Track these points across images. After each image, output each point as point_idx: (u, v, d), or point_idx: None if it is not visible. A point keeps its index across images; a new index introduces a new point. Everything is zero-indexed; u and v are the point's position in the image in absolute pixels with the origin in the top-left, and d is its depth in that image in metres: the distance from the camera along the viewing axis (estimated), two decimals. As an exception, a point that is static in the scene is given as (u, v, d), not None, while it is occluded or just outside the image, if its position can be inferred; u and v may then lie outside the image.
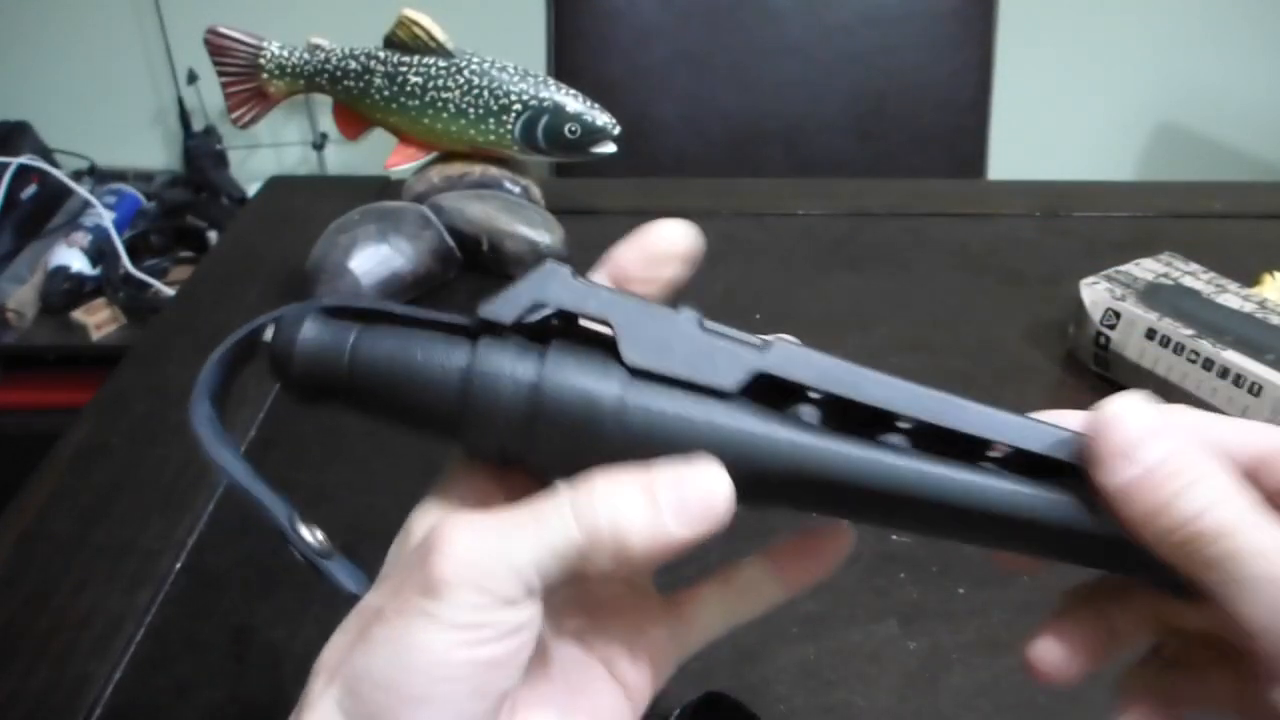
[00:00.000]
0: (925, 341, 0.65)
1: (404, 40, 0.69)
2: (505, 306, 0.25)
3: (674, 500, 0.23)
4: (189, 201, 1.65)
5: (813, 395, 0.25)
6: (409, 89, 0.70)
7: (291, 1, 1.67)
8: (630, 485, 0.23)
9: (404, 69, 0.70)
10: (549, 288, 0.25)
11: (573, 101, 0.69)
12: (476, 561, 0.23)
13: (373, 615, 0.24)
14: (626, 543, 0.23)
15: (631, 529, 0.23)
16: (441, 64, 0.69)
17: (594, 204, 0.79)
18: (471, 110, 0.69)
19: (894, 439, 0.25)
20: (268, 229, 0.81)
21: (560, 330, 0.25)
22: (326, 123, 1.80)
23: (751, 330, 0.25)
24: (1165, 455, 0.22)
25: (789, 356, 0.25)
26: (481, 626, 0.22)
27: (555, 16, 1.20)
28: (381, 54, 0.70)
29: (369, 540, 0.30)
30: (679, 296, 0.27)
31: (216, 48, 0.72)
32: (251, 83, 0.73)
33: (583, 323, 0.25)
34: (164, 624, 0.46)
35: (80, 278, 1.49)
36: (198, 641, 0.45)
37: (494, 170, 0.73)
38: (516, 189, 0.74)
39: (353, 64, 0.71)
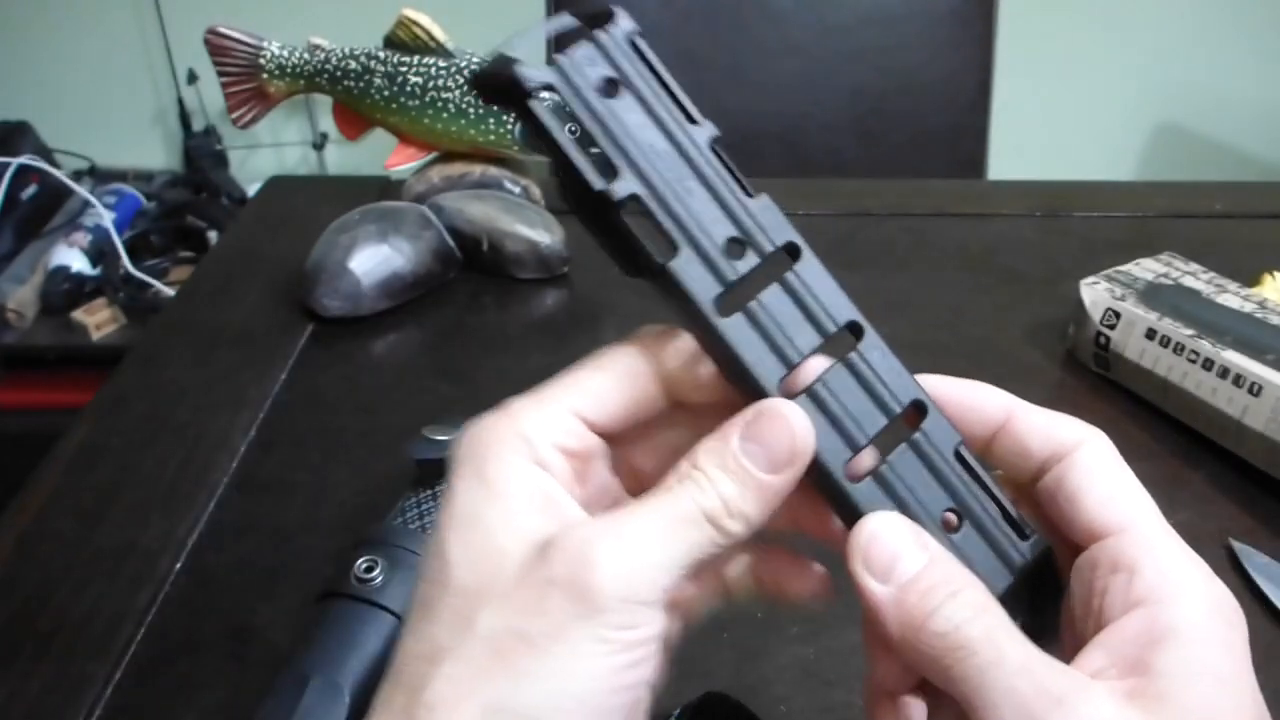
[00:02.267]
0: (925, 341, 0.65)
1: (404, 40, 0.69)
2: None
3: (761, 458, 0.25)
4: (189, 201, 1.65)
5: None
6: (409, 89, 0.70)
7: (291, 1, 1.67)
8: (721, 465, 0.25)
9: (404, 69, 0.70)
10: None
11: (573, 101, 0.69)
12: (628, 575, 0.23)
13: (513, 640, 0.23)
14: (746, 518, 0.24)
15: (743, 504, 0.24)
16: (441, 64, 0.69)
17: (594, 204, 0.79)
18: (471, 110, 0.69)
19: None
20: (268, 229, 0.81)
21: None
22: (326, 123, 1.80)
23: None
24: (918, 575, 0.24)
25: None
26: (637, 645, 0.23)
27: (555, 16, 1.20)
28: (381, 54, 0.70)
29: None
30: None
31: (216, 48, 0.72)
32: (251, 83, 0.73)
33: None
34: (164, 624, 0.46)
35: (80, 278, 1.49)
36: (198, 641, 0.45)
37: (494, 170, 0.73)
38: (516, 189, 0.74)
39: (353, 64, 0.71)
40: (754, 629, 0.45)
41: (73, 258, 1.49)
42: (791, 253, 0.27)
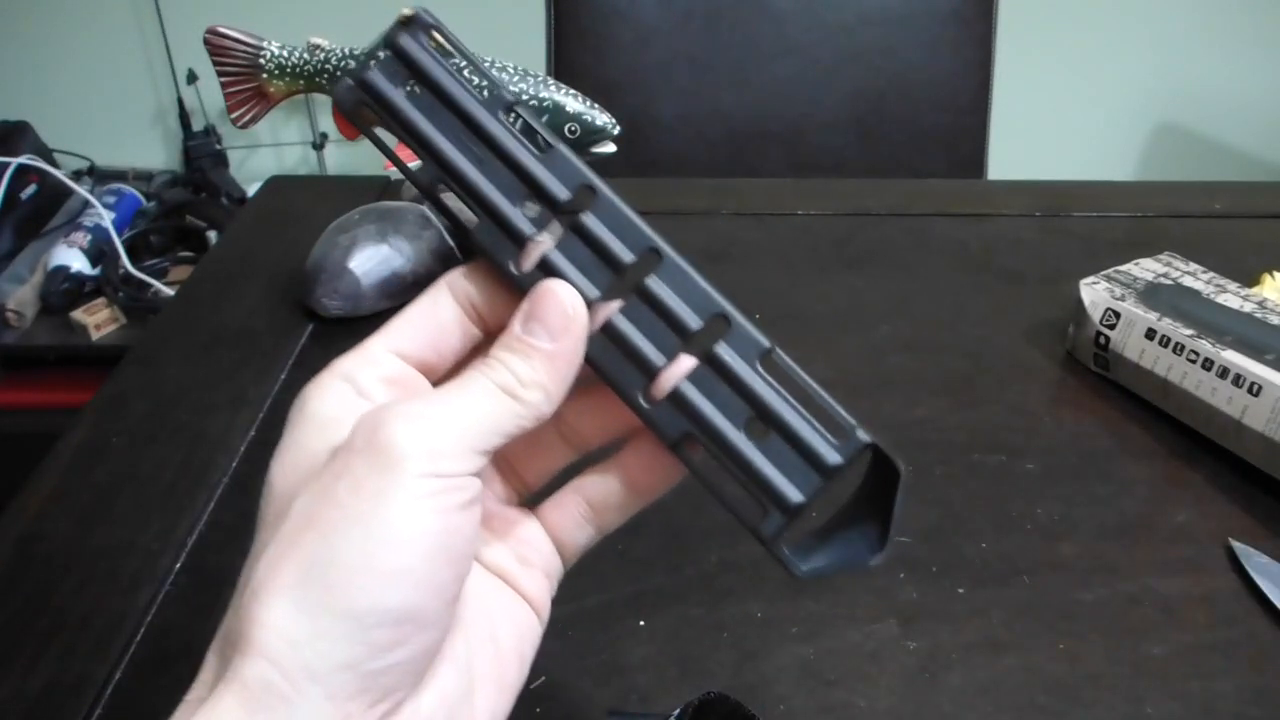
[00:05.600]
0: (925, 341, 0.65)
1: (404, 40, 0.69)
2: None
3: (541, 332, 0.27)
4: (189, 201, 1.65)
5: None
6: (409, 89, 0.70)
7: (291, 1, 1.67)
8: (508, 348, 0.27)
9: (404, 69, 0.70)
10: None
11: (573, 101, 0.69)
12: (425, 433, 0.24)
13: (321, 506, 0.24)
14: (541, 386, 0.27)
15: (535, 374, 0.27)
16: (441, 64, 0.69)
17: (594, 204, 0.79)
18: (471, 110, 0.69)
19: None
20: (268, 229, 0.81)
21: None
22: (326, 123, 1.80)
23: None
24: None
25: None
26: (444, 493, 0.24)
27: (555, 16, 1.20)
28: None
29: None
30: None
31: (216, 48, 0.72)
32: (251, 83, 0.73)
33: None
34: (164, 624, 0.46)
35: (80, 278, 1.49)
36: (198, 641, 0.45)
37: (494, 170, 0.73)
38: (516, 189, 0.73)
39: (353, 64, 0.71)
40: (754, 629, 0.45)
41: (72, 258, 1.49)
42: (589, 192, 0.29)
